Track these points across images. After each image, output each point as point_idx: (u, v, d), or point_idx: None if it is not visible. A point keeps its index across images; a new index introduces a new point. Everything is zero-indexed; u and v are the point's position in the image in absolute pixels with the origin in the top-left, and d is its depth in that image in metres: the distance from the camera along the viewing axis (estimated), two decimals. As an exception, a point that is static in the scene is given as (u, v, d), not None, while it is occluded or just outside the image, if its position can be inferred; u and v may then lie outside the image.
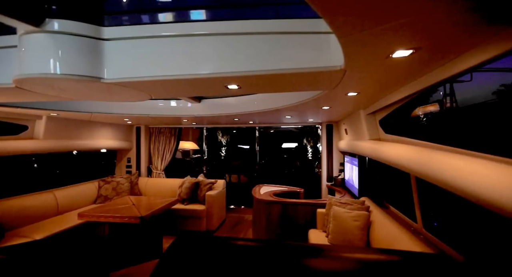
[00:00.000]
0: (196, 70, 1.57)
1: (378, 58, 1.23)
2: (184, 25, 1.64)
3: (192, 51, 1.58)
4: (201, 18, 1.88)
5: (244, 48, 1.50)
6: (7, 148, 3.11)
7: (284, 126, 6.19)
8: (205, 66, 1.56)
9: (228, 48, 1.52)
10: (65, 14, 1.53)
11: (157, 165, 5.06)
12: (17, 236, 2.82)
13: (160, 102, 3.39)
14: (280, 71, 1.45)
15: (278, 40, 1.45)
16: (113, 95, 2.02)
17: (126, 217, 2.79)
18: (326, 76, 1.52)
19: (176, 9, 1.86)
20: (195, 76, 1.58)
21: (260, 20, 1.49)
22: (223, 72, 1.53)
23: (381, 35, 0.96)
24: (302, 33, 1.43)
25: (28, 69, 1.51)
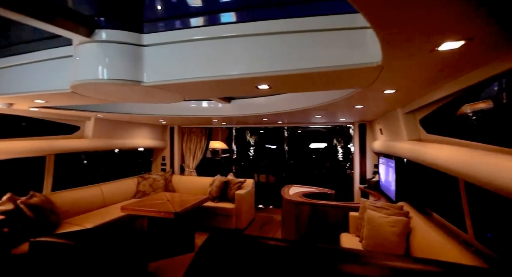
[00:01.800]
0: (227, 71, 1.61)
1: (421, 52, 1.13)
2: (214, 28, 1.68)
3: (223, 53, 1.62)
4: (231, 20, 1.92)
5: (274, 47, 1.49)
6: (63, 146, 3.51)
7: (313, 126, 6.05)
8: (236, 67, 1.58)
9: (258, 48, 1.53)
10: (111, 24, 1.67)
11: (189, 164, 5.30)
12: (71, 224, 3.17)
13: (192, 103, 3.54)
14: (311, 70, 1.42)
15: (309, 38, 1.42)
16: (150, 97, 2.16)
17: (162, 212, 2.97)
18: (361, 73, 1.45)
19: (207, 13, 1.91)
20: (226, 77, 1.62)
21: (289, 19, 1.47)
22: (254, 73, 1.54)
23: (427, 25, 0.89)
24: (334, 30, 1.38)
25: (81, 75, 1.68)
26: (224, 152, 7.22)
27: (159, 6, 1.94)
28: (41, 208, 2.91)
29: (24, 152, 3.12)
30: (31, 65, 2.01)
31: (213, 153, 6.98)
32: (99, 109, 3.29)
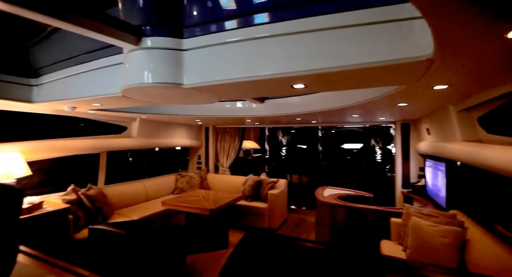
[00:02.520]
0: (262, 72, 1.62)
1: (484, 40, 1.00)
2: (248, 29, 1.70)
3: (257, 53, 1.63)
4: (264, 21, 1.92)
5: (310, 45, 1.46)
6: (114, 144, 3.90)
7: (348, 126, 5.76)
8: (271, 67, 1.58)
9: (293, 47, 1.51)
10: (155, 32, 1.80)
11: (223, 163, 5.46)
12: (120, 215, 3.51)
13: (227, 104, 3.64)
14: (351, 67, 1.35)
15: (347, 33, 1.35)
16: (189, 99, 2.28)
17: (199, 208, 3.11)
18: (407, 68, 1.34)
19: (241, 15, 1.94)
20: (261, 77, 1.63)
21: (325, 16, 1.42)
22: (289, 72, 1.53)
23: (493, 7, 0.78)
24: (377, 23, 1.29)
25: (130, 80, 1.83)
26: (255, 152, 7.29)
27: (197, 12, 2.03)
28: (97, 200, 3.27)
29: (83, 150, 3.54)
30: (90, 73, 2.26)
31: (245, 152, 7.09)
32: (143, 111, 3.58)
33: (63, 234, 2.75)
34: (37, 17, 1.28)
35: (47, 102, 2.52)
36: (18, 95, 2.47)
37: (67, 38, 2.38)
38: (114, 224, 2.30)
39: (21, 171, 2.67)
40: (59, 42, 2.44)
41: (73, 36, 2.35)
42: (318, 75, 1.48)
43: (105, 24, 1.51)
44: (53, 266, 1.58)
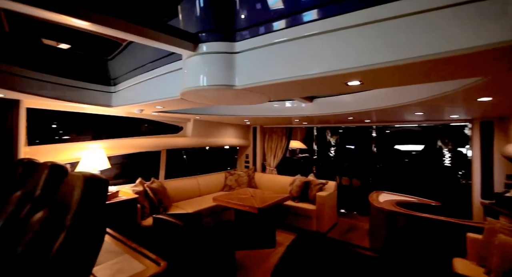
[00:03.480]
0: (314, 70, 1.56)
1: None
2: (298, 28, 1.66)
3: (308, 51, 1.58)
4: (314, 18, 1.85)
5: (367, 39, 1.34)
6: (172, 143, 4.31)
7: (406, 125, 5.13)
8: (323, 65, 1.51)
9: (347, 42, 1.41)
10: (210, 38, 1.91)
11: (270, 162, 5.50)
12: (177, 207, 3.87)
13: (275, 104, 3.66)
14: (418, 58, 1.19)
15: (412, 22, 1.20)
16: (240, 99, 2.36)
17: (247, 206, 3.20)
18: (494, 55, 1.12)
19: (290, 14, 1.91)
20: (313, 76, 1.58)
21: (385, 5, 1.28)
22: (343, 69, 1.44)
23: None
24: (456, 5, 1.11)
25: (187, 84, 1.99)
26: (302, 152, 7.14)
27: (248, 15, 2.08)
28: (158, 192, 3.67)
29: (147, 147, 4.01)
30: (154, 79, 2.55)
31: (291, 152, 7.01)
32: (197, 112, 3.86)
33: (132, 220, 3.16)
34: (117, 33, 1.49)
35: (122, 106, 2.93)
36: (101, 101, 2.94)
37: (136, 51, 2.73)
38: (173, 215, 2.54)
39: (103, 164, 3.17)
40: (130, 54, 2.80)
41: (140, 48, 2.68)
42: (376, 70, 1.36)
43: (167, 34, 1.67)
44: (128, 246, 1.83)
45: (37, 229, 1.22)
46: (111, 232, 1.98)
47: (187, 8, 1.98)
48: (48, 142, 3.27)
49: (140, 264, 1.59)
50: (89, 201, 1.13)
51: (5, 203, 1.78)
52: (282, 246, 3.50)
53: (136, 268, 1.54)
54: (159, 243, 2.43)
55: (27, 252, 1.21)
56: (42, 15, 1.25)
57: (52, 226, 1.11)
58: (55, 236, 1.04)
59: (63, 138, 4.86)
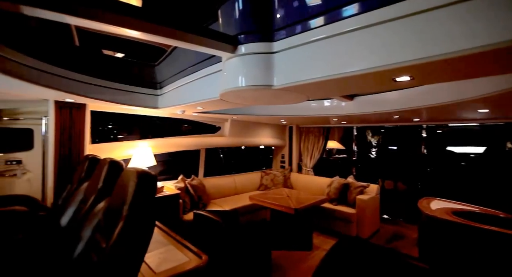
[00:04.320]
0: (355, 67, 1.48)
1: None
2: (337, 24, 1.59)
3: (348, 48, 1.50)
4: (354, 12, 1.75)
5: (418, 30, 1.22)
6: (210, 142, 4.51)
7: (460, 124, 4.51)
8: (367, 61, 1.42)
9: (395, 35, 1.30)
10: (249, 39, 1.94)
11: (306, 163, 5.38)
12: (215, 205, 4.03)
13: (313, 103, 3.56)
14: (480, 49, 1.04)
15: (473, 8, 1.05)
16: (277, 99, 2.35)
17: (283, 206, 3.18)
18: None
19: (328, 11, 1.84)
20: (354, 73, 1.49)
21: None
22: (392, 64, 1.33)
23: None
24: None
25: (227, 85, 2.06)
26: (339, 153, 6.84)
27: (286, 14, 2.06)
28: (198, 189, 3.87)
29: (187, 146, 4.26)
30: (195, 81, 2.69)
31: (328, 153, 6.75)
32: (234, 112, 3.96)
33: (175, 214, 3.39)
34: (165, 40, 1.62)
35: (167, 107, 3.16)
36: (149, 103, 3.21)
37: (179, 56, 2.91)
38: (212, 211, 2.65)
39: (150, 161, 3.47)
40: (174, 59, 3.01)
41: (183, 53, 2.86)
42: (431, 64, 1.23)
43: (208, 38, 1.75)
44: (172, 238, 1.96)
45: (100, 217, 1.39)
46: (158, 224, 2.15)
47: (226, 12, 2.04)
48: (105, 140, 3.70)
49: (184, 256, 1.69)
50: (142, 194, 1.24)
51: (77, 192, 2.06)
52: (319, 250, 3.39)
53: (180, 259, 1.65)
54: (199, 238, 2.56)
55: (92, 236, 1.38)
56: (103, 29, 1.42)
57: (112, 215, 1.25)
58: (115, 224, 1.17)
59: (117, 137, 5.46)
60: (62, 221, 1.95)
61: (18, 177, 2.92)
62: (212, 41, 1.77)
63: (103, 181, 1.81)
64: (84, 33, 3.43)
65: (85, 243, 1.36)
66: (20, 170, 2.93)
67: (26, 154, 2.98)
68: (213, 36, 1.78)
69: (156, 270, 1.47)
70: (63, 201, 2.33)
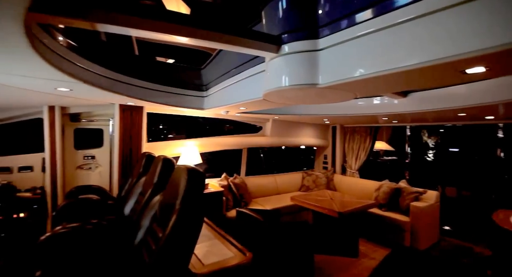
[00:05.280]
0: (414, 60, 1.33)
1: None
2: (387, 16, 1.44)
3: (405, 40, 1.36)
4: (407, 1, 1.57)
5: (496, 12, 1.03)
6: (252, 142, 4.60)
7: None
8: (428, 52, 1.27)
9: (465, 21, 1.13)
10: (293, 38, 1.92)
11: (351, 164, 5.08)
12: (256, 203, 4.09)
13: (359, 101, 3.34)
14: None
15: None
16: (322, 98, 2.27)
17: (326, 209, 3.06)
18: None
19: (376, 3, 1.69)
20: (413, 66, 1.34)
21: None
22: (462, 53, 1.16)
23: None
24: None
25: (270, 85, 2.07)
26: (387, 154, 6.28)
27: (332, 10, 1.97)
28: (240, 187, 3.98)
29: (230, 145, 4.41)
30: (239, 82, 2.77)
31: (374, 154, 6.26)
32: (276, 112, 3.96)
33: (218, 211, 3.55)
34: (212, 44, 1.70)
35: (212, 108, 3.32)
36: (196, 104, 3.43)
37: (223, 58, 3.03)
38: (254, 210, 2.70)
39: (197, 159, 3.70)
40: (218, 62, 3.14)
41: (227, 56, 2.96)
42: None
43: (252, 39, 1.78)
44: (217, 233, 2.06)
45: (156, 209, 1.53)
46: (204, 218, 2.27)
47: (270, 12, 2.05)
48: (157, 140, 4.07)
49: (228, 251, 1.76)
50: (192, 190, 1.33)
51: (136, 185, 2.32)
52: (366, 258, 3.17)
53: (225, 253, 1.72)
54: (241, 235, 2.63)
55: (150, 226, 1.53)
56: (159, 38, 1.56)
57: (166, 208, 1.37)
58: (169, 216, 1.27)
59: (168, 136, 5.96)
60: (125, 210, 2.22)
61: (92, 170, 3.43)
62: (256, 42, 1.80)
63: (158, 176, 2.00)
64: (142, 43, 3.83)
65: (144, 231, 1.52)
66: (94, 164, 3.43)
67: (97, 150, 3.47)
68: (257, 37, 1.81)
69: (204, 261, 1.56)
70: (125, 193, 2.65)
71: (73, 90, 2.25)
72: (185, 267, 1.24)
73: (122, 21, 1.30)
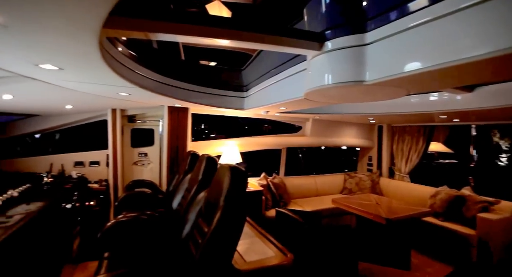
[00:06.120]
0: (486, 49, 1.14)
1: None
2: (444, 3, 1.26)
3: (471, 27, 1.17)
4: None
5: None
6: (291, 142, 4.54)
7: None
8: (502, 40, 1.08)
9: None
10: (337, 34, 1.83)
11: (401, 167, 4.64)
12: (296, 204, 4.03)
13: (412, 98, 3.03)
14: None
15: None
16: (368, 96, 2.12)
17: (372, 214, 2.85)
18: None
19: None
20: (483, 56, 1.16)
21: None
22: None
23: None
24: None
25: (312, 84, 2.01)
26: (443, 157, 5.57)
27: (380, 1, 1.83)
28: (279, 187, 3.97)
29: (270, 145, 4.42)
30: (279, 82, 2.76)
31: (428, 157, 5.60)
32: (316, 111, 3.84)
33: (257, 210, 3.59)
34: (254, 45, 1.72)
35: (252, 108, 3.38)
36: (236, 105, 3.52)
37: (263, 59, 3.05)
38: (293, 211, 2.66)
39: (237, 159, 3.80)
40: (259, 63, 3.18)
41: (266, 56, 2.98)
42: None
43: (294, 38, 1.75)
44: (258, 231, 2.09)
45: (201, 205, 1.62)
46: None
47: (313, 9, 1.99)
48: (200, 139, 4.30)
49: (269, 250, 1.77)
50: (235, 188, 1.36)
51: (183, 181, 2.49)
52: (420, 272, 2.85)
53: (265, 252, 1.73)
54: (280, 235, 2.62)
55: (196, 221, 1.62)
56: (204, 42, 1.65)
57: (211, 205, 1.43)
58: (213, 212, 1.33)
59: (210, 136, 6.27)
60: (173, 204, 2.40)
61: (145, 166, 3.80)
62: (298, 41, 1.77)
63: (202, 173, 2.11)
64: (187, 48, 4.09)
65: (191, 225, 1.62)
66: (146, 161, 3.80)
67: (149, 148, 3.83)
68: (299, 35, 1.77)
69: (245, 258, 1.60)
70: (173, 188, 2.87)
71: (131, 94, 2.52)
72: (229, 261, 1.28)
73: (172, 29, 1.41)
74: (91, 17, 0.90)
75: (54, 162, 3.32)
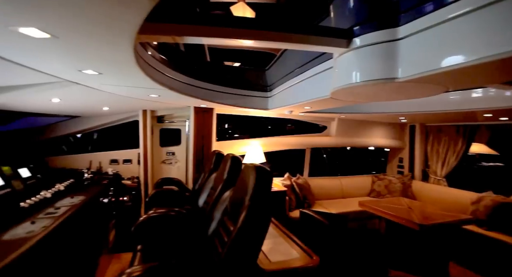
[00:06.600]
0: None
1: None
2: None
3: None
4: None
5: None
6: (315, 142, 4.44)
7: None
8: None
9: None
10: (365, 30, 1.75)
11: (436, 170, 4.31)
12: (320, 206, 3.94)
13: (451, 95, 2.79)
14: None
15: None
16: (400, 94, 2.00)
17: (404, 219, 2.69)
18: None
19: None
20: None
21: None
22: None
23: None
24: None
25: (339, 82, 1.94)
26: (485, 159, 5.07)
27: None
28: (303, 188, 3.90)
29: (293, 145, 4.37)
30: (303, 81, 2.71)
31: (469, 159, 5.12)
32: (342, 111, 3.71)
33: (281, 210, 3.57)
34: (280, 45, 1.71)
35: (276, 108, 3.36)
36: (260, 105, 3.53)
37: (287, 58, 3.02)
38: (318, 212, 2.60)
39: (261, 158, 3.81)
40: (283, 62, 3.15)
41: (291, 55, 2.94)
42: None
43: (320, 35, 1.70)
44: (282, 232, 2.07)
45: (227, 203, 1.65)
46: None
47: (340, 5, 1.93)
48: (224, 139, 4.38)
49: (293, 251, 1.75)
50: (261, 187, 1.37)
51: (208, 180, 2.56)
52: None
53: (290, 253, 1.71)
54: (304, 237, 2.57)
55: (222, 219, 1.66)
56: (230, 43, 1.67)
57: (237, 204, 1.45)
58: (239, 212, 1.35)
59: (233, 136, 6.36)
60: (199, 202, 2.47)
61: (172, 165, 3.97)
62: (324, 39, 1.72)
63: (227, 173, 2.15)
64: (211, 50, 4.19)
65: (217, 223, 1.66)
66: (174, 159, 3.97)
67: (177, 148, 3.99)
68: (326, 33, 1.73)
69: (270, 258, 1.60)
70: (199, 186, 2.96)
71: (161, 96, 2.64)
72: (254, 260, 1.29)
73: (199, 32, 1.45)
74: (128, 25, 0.97)
75: (92, 159, 3.60)
